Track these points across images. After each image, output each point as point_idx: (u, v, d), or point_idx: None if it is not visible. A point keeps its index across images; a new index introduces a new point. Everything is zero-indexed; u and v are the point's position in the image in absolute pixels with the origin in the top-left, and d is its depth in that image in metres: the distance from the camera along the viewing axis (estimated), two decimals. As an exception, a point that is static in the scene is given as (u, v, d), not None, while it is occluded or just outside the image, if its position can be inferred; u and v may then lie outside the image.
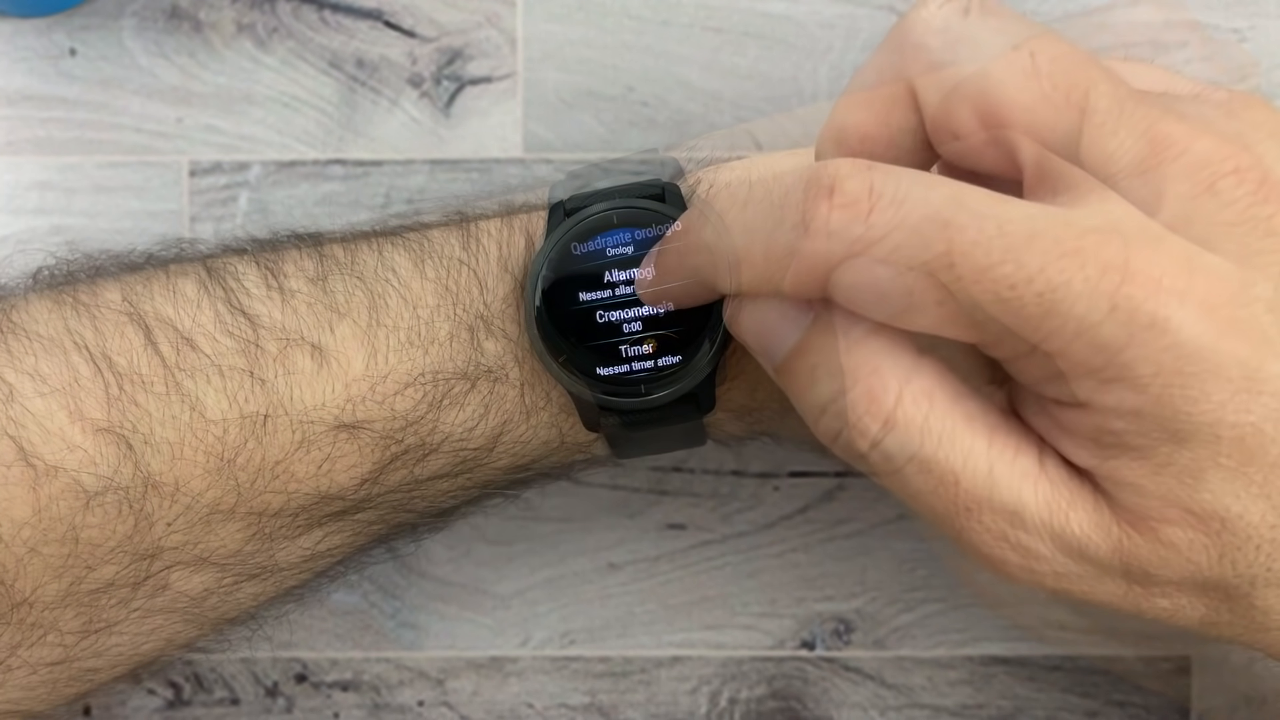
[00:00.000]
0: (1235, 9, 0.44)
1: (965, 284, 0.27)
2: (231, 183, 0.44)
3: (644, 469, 0.45)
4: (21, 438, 0.33)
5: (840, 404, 0.29)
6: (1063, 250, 0.27)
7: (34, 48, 0.44)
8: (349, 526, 0.36)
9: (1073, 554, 0.30)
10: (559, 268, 0.35)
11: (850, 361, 0.29)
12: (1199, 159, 0.28)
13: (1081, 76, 0.29)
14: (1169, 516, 0.29)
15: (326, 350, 0.35)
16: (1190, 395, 0.27)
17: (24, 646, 0.35)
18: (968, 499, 0.29)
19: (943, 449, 0.29)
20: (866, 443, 0.29)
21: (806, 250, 0.28)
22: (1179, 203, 0.28)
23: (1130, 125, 0.28)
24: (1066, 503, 0.29)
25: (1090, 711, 0.45)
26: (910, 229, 0.27)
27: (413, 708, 0.45)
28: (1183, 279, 0.27)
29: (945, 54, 0.29)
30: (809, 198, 0.28)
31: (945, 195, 0.28)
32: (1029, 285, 0.27)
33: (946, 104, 0.29)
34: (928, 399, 0.29)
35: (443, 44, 0.44)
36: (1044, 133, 0.29)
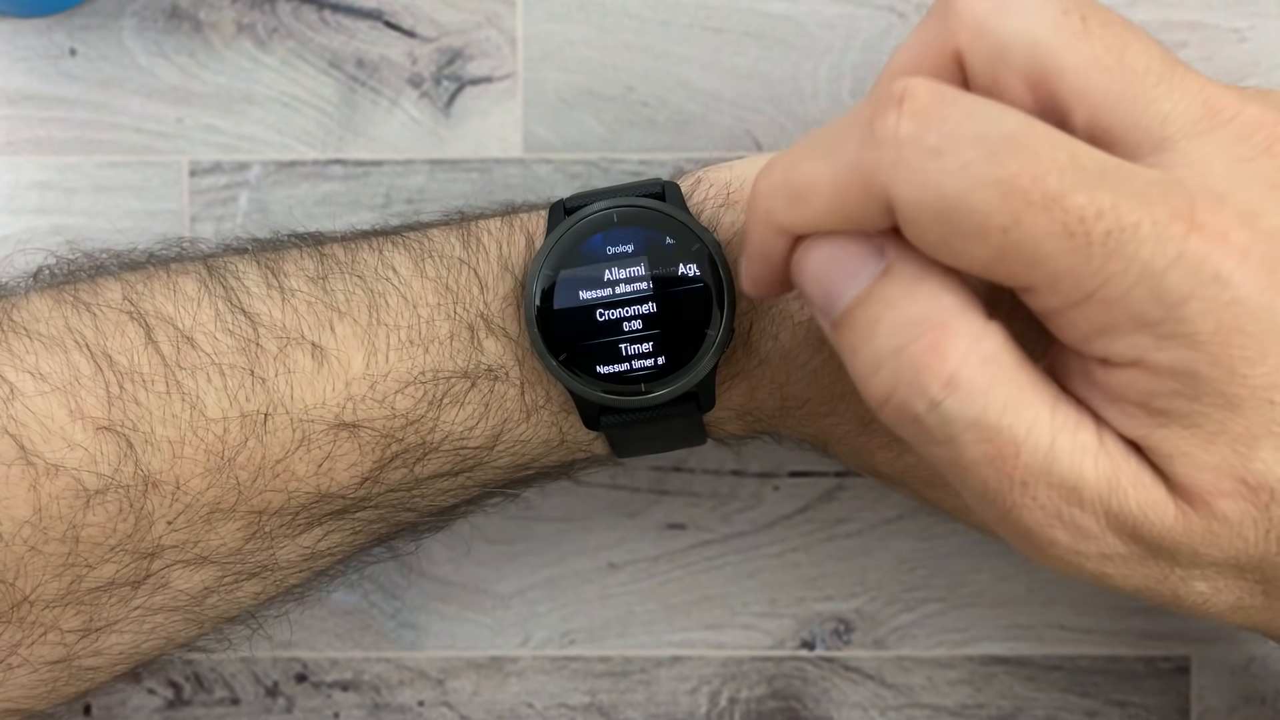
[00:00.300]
0: (1235, 9, 0.44)
1: (1035, 211, 0.26)
2: (231, 183, 0.44)
3: (644, 469, 0.45)
4: (22, 436, 0.33)
5: (899, 360, 0.28)
6: (1133, 191, 0.26)
7: (34, 48, 0.44)
8: (349, 525, 0.36)
9: (1125, 533, 0.29)
10: (559, 266, 0.35)
11: (917, 313, 0.28)
12: (1253, 121, 0.28)
13: (1133, 39, 0.28)
14: (1223, 488, 0.28)
15: (326, 349, 0.35)
16: (1248, 356, 0.27)
17: (24, 645, 0.35)
18: (1025, 472, 0.28)
19: (1007, 417, 0.28)
20: (924, 403, 0.28)
21: (872, 161, 0.27)
22: (1238, 164, 0.28)
23: (1184, 87, 0.28)
24: (1126, 478, 0.28)
25: (1090, 711, 0.45)
26: (984, 144, 0.26)
27: (413, 708, 0.45)
28: (1246, 236, 0.26)
29: (993, 20, 0.29)
30: (878, 109, 0.27)
31: (1021, 120, 0.27)
32: (1098, 221, 0.26)
33: (994, 70, 0.29)
34: (995, 362, 0.28)
35: (443, 44, 0.44)
36: (1096, 95, 0.28)
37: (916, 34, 0.30)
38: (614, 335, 0.35)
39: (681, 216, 0.35)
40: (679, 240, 0.35)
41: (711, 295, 0.35)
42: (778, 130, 0.44)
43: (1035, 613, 0.45)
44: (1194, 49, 0.44)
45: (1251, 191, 0.27)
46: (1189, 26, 0.44)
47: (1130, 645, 0.45)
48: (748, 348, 0.36)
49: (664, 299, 0.35)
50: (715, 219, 0.36)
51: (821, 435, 0.37)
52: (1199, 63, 0.44)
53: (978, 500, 0.29)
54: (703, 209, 0.36)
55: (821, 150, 0.28)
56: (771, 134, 0.44)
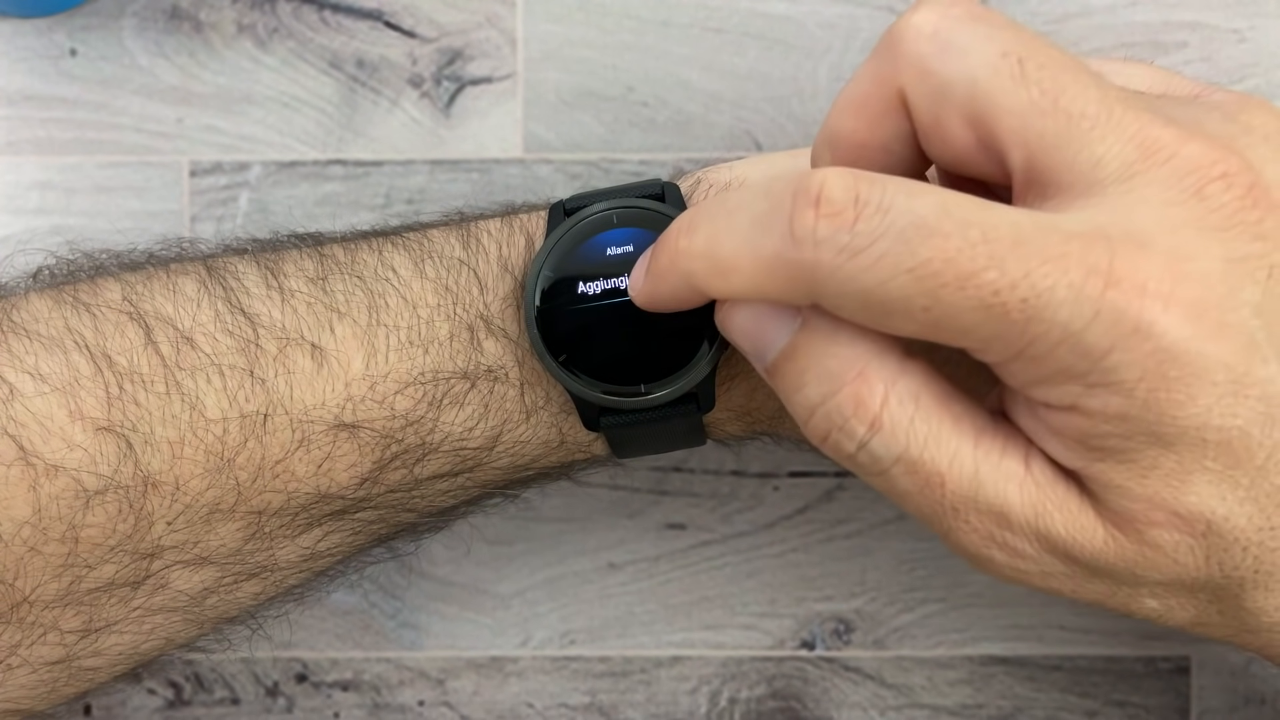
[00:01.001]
0: (1235, 9, 0.44)
1: (950, 290, 0.27)
2: (232, 183, 0.44)
3: (644, 469, 0.45)
4: (22, 437, 0.33)
5: (828, 406, 0.30)
6: (1046, 256, 0.27)
7: (34, 48, 0.44)
8: (349, 525, 0.36)
9: (1058, 554, 0.30)
10: (559, 267, 0.35)
11: (837, 364, 0.30)
12: (1187, 163, 0.28)
13: (1070, 82, 0.29)
14: (1155, 519, 0.29)
15: (326, 350, 0.35)
16: (1176, 399, 0.27)
17: (24, 645, 0.35)
18: (954, 499, 0.29)
19: (928, 450, 0.29)
20: (854, 444, 0.30)
21: (793, 258, 0.28)
22: (1166, 208, 0.28)
23: (1119, 130, 0.28)
24: (1051, 504, 0.29)
25: (1090, 711, 0.45)
26: (895, 236, 0.27)
27: (413, 708, 0.45)
28: (1168, 283, 0.27)
29: (935, 61, 0.29)
30: (796, 206, 0.28)
31: (930, 203, 0.28)
32: (1013, 291, 0.27)
33: (937, 109, 0.29)
34: (914, 400, 0.29)
35: (443, 44, 0.44)
36: (1032, 138, 0.29)
37: (864, 69, 0.31)
38: (614, 335, 0.35)
39: (681, 217, 0.35)
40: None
41: (711, 296, 0.35)
42: (778, 130, 0.44)
43: (1035, 613, 0.45)
44: (1194, 49, 0.44)
45: (1179, 236, 0.28)
46: (1189, 26, 0.44)
47: (1130, 645, 0.45)
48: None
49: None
50: (715, 219, 0.36)
51: (821, 436, 0.38)
52: (1198, 63, 0.44)
53: (922, 522, 0.31)
54: (702, 210, 0.36)
55: (743, 232, 0.29)
56: (771, 134, 0.44)
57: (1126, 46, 0.44)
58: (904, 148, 0.31)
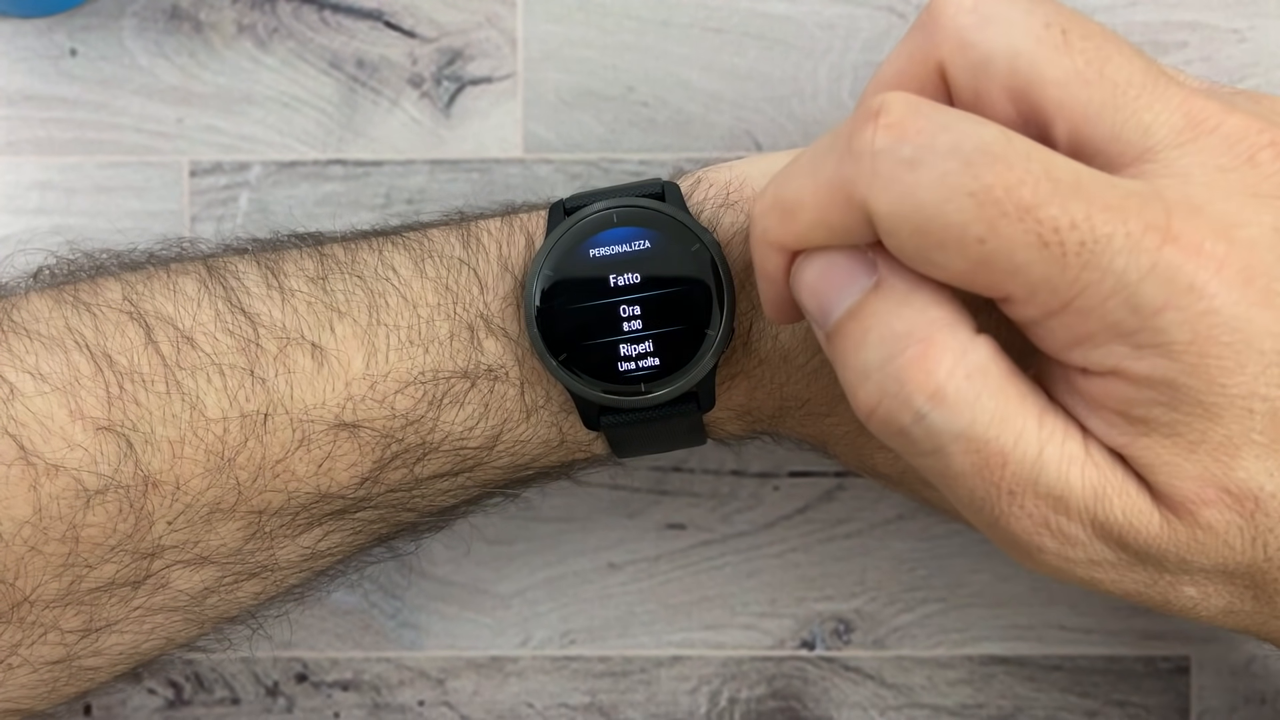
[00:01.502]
0: (1235, 9, 0.44)
1: (1009, 222, 0.26)
2: (232, 183, 0.44)
3: (644, 469, 0.45)
4: (22, 436, 0.33)
5: (885, 372, 0.28)
6: (1107, 202, 0.26)
7: (34, 48, 0.44)
8: (349, 525, 0.36)
9: (1111, 541, 0.29)
10: (559, 267, 0.35)
11: (904, 326, 0.28)
12: (1235, 131, 0.28)
13: (1114, 52, 0.29)
14: (1206, 497, 0.28)
15: (326, 349, 0.35)
16: (1225, 366, 0.27)
17: (25, 645, 0.35)
18: (1013, 482, 0.28)
19: (994, 428, 0.28)
20: (910, 415, 0.28)
21: (850, 174, 0.27)
22: (1218, 174, 0.28)
23: (1165, 100, 0.28)
24: (1112, 488, 0.28)
25: (1090, 711, 0.45)
26: (959, 156, 0.26)
27: (413, 707, 0.45)
28: (1223, 247, 0.27)
29: (975, 33, 0.29)
30: (856, 125, 0.27)
31: (996, 131, 0.27)
32: (1072, 231, 0.26)
33: (977, 82, 0.29)
34: (982, 375, 0.28)
35: (443, 44, 0.44)
36: (1078, 108, 0.28)
37: (901, 46, 0.30)
38: (614, 335, 0.35)
39: (681, 216, 0.35)
40: (679, 240, 0.35)
41: (711, 295, 0.35)
42: (778, 130, 0.44)
43: (1035, 613, 0.45)
44: (1194, 49, 0.44)
45: (1231, 202, 0.27)
46: (1189, 26, 0.44)
47: (1130, 645, 0.45)
48: (747, 348, 0.36)
49: (664, 299, 0.35)
50: (715, 219, 0.36)
51: (821, 435, 0.37)
52: (1199, 63, 0.44)
53: (966, 508, 0.29)
54: (702, 209, 0.36)
55: (806, 166, 0.29)
56: (771, 134, 0.44)
57: (1126, 46, 0.44)
58: None
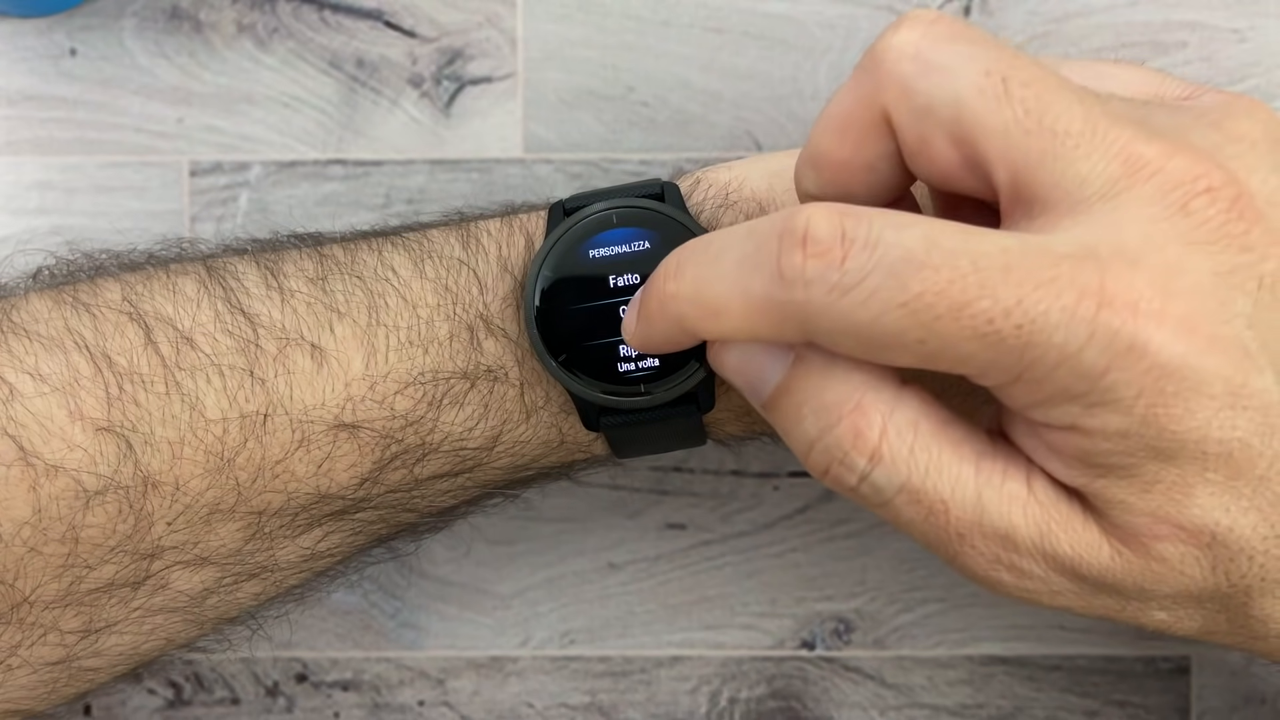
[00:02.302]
0: (1235, 9, 0.44)
1: (944, 322, 0.27)
2: (232, 183, 0.44)
3: (644, 469, 0.45)
4: (22, 437, 0.33)
5: (827, 440, 0.29)
6: (1038, 281, 0.27)
7: (34, 48, 0.44)
8: (349, 526, 0.36)
9: (1065, 573, 0.30)
10: (559, 267, 0.35)
11: (833, 397, 0.29)
12: (1172, 179, 0.28)
13: (1054, 100, 0.29)
14: (1159, 533, 0.29)
15: (326, 350, 0.35)
16: (1174, 414, 0.27)
17: (24, 646, 0.35)
18: (958, 525, 0.29)
19: (930, 478, 0.29)
20: (855, 477, 0.29)
21: (783, 299, 0.28)
22: (1151, 225, 0.28)
23: (1103, 148, 0.28)
24: (1056, 524, 0.29)
25: (1090, 711, 0.45)
26: (886, 271, 0.27)
27: (413, 708, 0.45)
28: (1159, 300, 0.27)
29: (918, 81, 0.29)
30: (783, 247, 0.28)
31: (918, 235, 0.28)
32: (1007, 319, 0.27)
33: (920, 130, 0.29)
34: (912, 429, 0.29)
35: (443, 44, 0.44)
36: (1017, 157, 0.29)
37: (848, 87, 0.31)
38: (613, 336, 0.35)
39: (681, 217, 0.35)
40: (678, 240, 0.35)
41: (711, 296, 0.35)
42: (778, 130, 0.44)
43: (1035, 613, 0.45)
44: (1194, 49, 0.44)
45: (1167, 252, 0.28)
46: (1189, 26, 0.44)
47: (1130, 645, 0.45)
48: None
49: (663, 300, 0.35)
50: (714, 219, 0.36)
51: (821, 436, 0.37)
52: (1198, 63, 0.44)
53: (929, 549, 0.31)
54: (702, 209, 0.36)
55: (731, 273, 0.29)
56: (771, 134, 0.44)
57: (1126, 46, 0.44)
58: (889, 166, 0.31)
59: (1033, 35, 0.44)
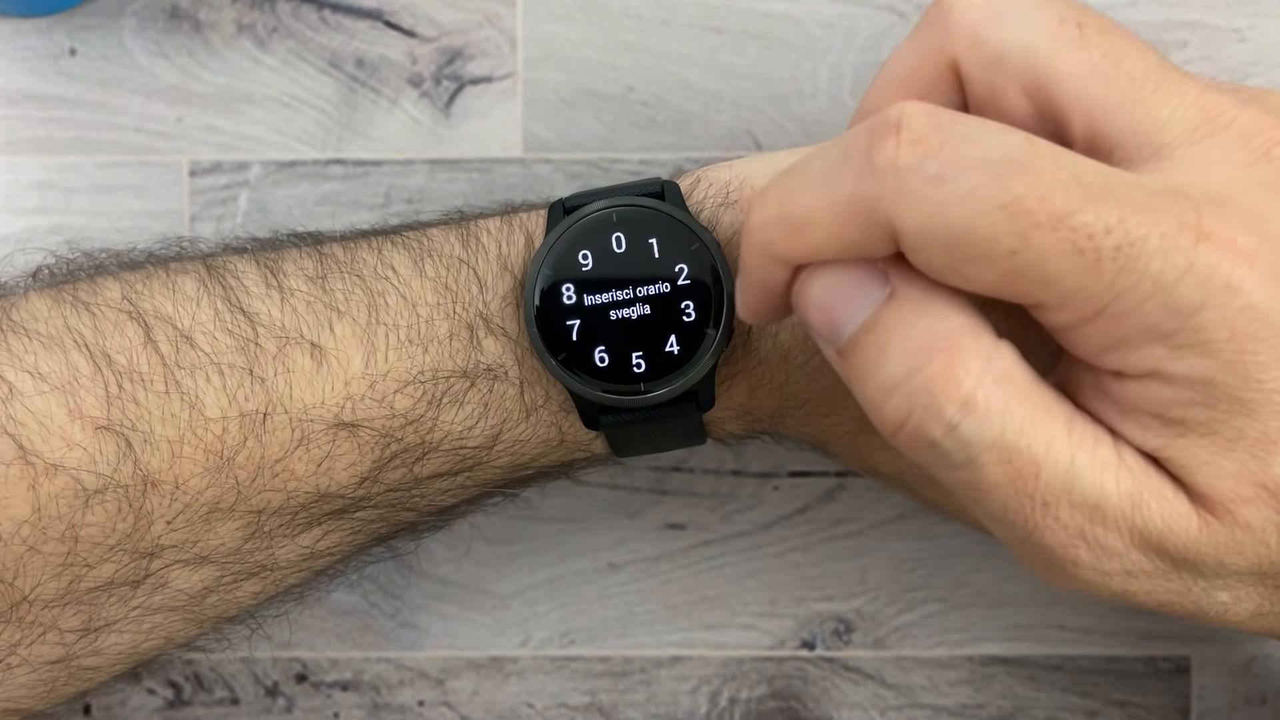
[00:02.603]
0: (1235, 9, 0.44)
1: (1042, 232, 0.26)
2: (231, 182, 0.44)
3: (644, 469, 0.45)
4: (21, 436, 0.33)
5: (912, 384, 0.27)
6: (1138, 205, 0.26)
7: (34, 48, 0.44)
8: (348, 525, 0.36)
9: (1149, 549, 0.28)
10: (559, 266, 0.35)
11: (925, 336, 0.27)
12: (1251, 127, 0.28)
13: (1130, 47, 0.28)
14: (1244, 495, 0.28)
15: (325, 349, 0.35)
16: (1261, 361, 0.27)
17: (24, 645, 0.35)
18: (1047, 492, 0.28)
19: (1025, 436, 0.27)
20: (942, 427, 0.27)
21: (873, 192, 0.27)
22: (1236, 170, 0.27)
23: (1180, 94, 0.28)
24: (1149, 493, 0.28)
25: (1090, 711, 0.45)
26: (987, 169, 0.26)
27: (413, 708, 0.45)
28: (1254, 241, 0.26)
29: (990, 29, 0.28)
30: (875, 139, 0.27)
31: (1021, 139, 0.26)
32: (1107, 237, 0.26)
33: (991, 79, 0.29)
34: (1010, 381, 0.27)
35: (443, 44, 0.44)
36: (1094, 103, 0.28)
37: (910, 42, 0.30)
38: (614, 334, 0.35)
39: (681, 216, 0.35)
40: (678, 239, 0.35)
41: (711, 294, 0.35)
42: (778, 130, 0.44)
43: (1035, 613, 0.45)
44: (1194, 49, 0.44)
45: (1252, 196, 0.27)
46: (1189, 26, 0.44)
47: (1130, 645, 0.45)
48: (747, 347, 0.36)
49: (663, 298, 0.35)
50: (714, 218, 0.36)
51: (821, 435, 0.37)
52: (1199, 62, 0.44)
53: (999, 523, 0.29)
54: (702, 208, 0.36)
55: (818, 180, 0.28)
56: (771, 134, 0.44)
57: (1126, 46, 0.44)
58: None
59: (1033, 35, 0.44)
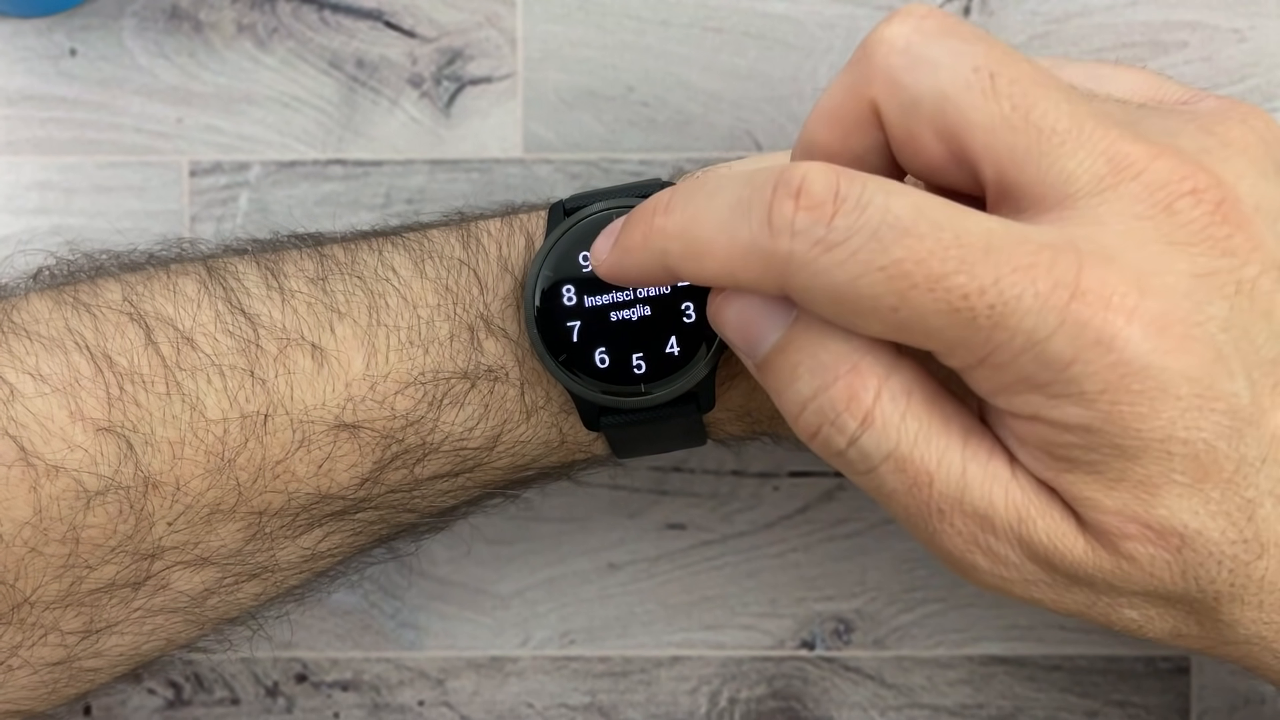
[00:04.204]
0: (1235, 9, 0.44)
1: (919, 292, 0.27)
2: (231, 183, 0.44)
3: (644, 469, 0.45)
4: (22, 438, 0.33)
5: (821, 399, 0.29)
6: (1016, 264, 0.27)
7: (34, 48, 0.44)
8: (349, 526, 0.36)
9: (1040, 562, 0.30)
10: (559, 267, 0.35)
11: (830, 358, 0.29)
12: (1157, 178, 0.28)
13: (1041, 97, 0.29)
14: (1128, 531, 0.29)
15: (326, 350, 0.35)
16: (1139, 412, 0.27)
17: (25, 646, 0.35)
18: (940, 500, 0.29)
19: (918, 448, 0.29)
20: (845, 440, 0.29)
21: (768, 247, 0.28)
22: (1135, 222, 0.28)
23: (1089, 145, 0.29)
24: (1035, 510, 0.29)
25: (1090, 711, 0.45)
26: (870, 234, 0.28)
27: (413, 708, 0.45)
28: (1133, 297, 0.27)
29: (906, 75, 0.29)
30: (777, 196, 0.28)
31: (907, 203, 0.28)
32: (981, 297, 0.27)
33: (908, 123, 0.30)
34: (906, 397, 0.29)
35: (443, 44, 0.44)
36: (1003, 153, 0.29)
37: (839, 80, 0.31)
38: (614, 336, 0.35)
39: (681, 217, 0.35)
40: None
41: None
42: (778, 130, 0.44)
43: (1035, 613, 0.45)
44: (1194, 49, 0.44)
45: (1147, 250, 0.28)
46: (1189, 26, 0.44)
47: (1130, 645, 0.45)
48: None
49: (663, 299, 0.35)
50: (715, 220, 0.36)
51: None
52: (1199, 62, 0.44)
53: (905, 525, 0.31)
54: (702, 210, 0.36)
55: (721, 216, 0.29)
56: (771, 134, 0.44)
57: (1127, 46, 0.44)
58: (878, 159, 0.31)
59: (1033, 35, 0.44)
